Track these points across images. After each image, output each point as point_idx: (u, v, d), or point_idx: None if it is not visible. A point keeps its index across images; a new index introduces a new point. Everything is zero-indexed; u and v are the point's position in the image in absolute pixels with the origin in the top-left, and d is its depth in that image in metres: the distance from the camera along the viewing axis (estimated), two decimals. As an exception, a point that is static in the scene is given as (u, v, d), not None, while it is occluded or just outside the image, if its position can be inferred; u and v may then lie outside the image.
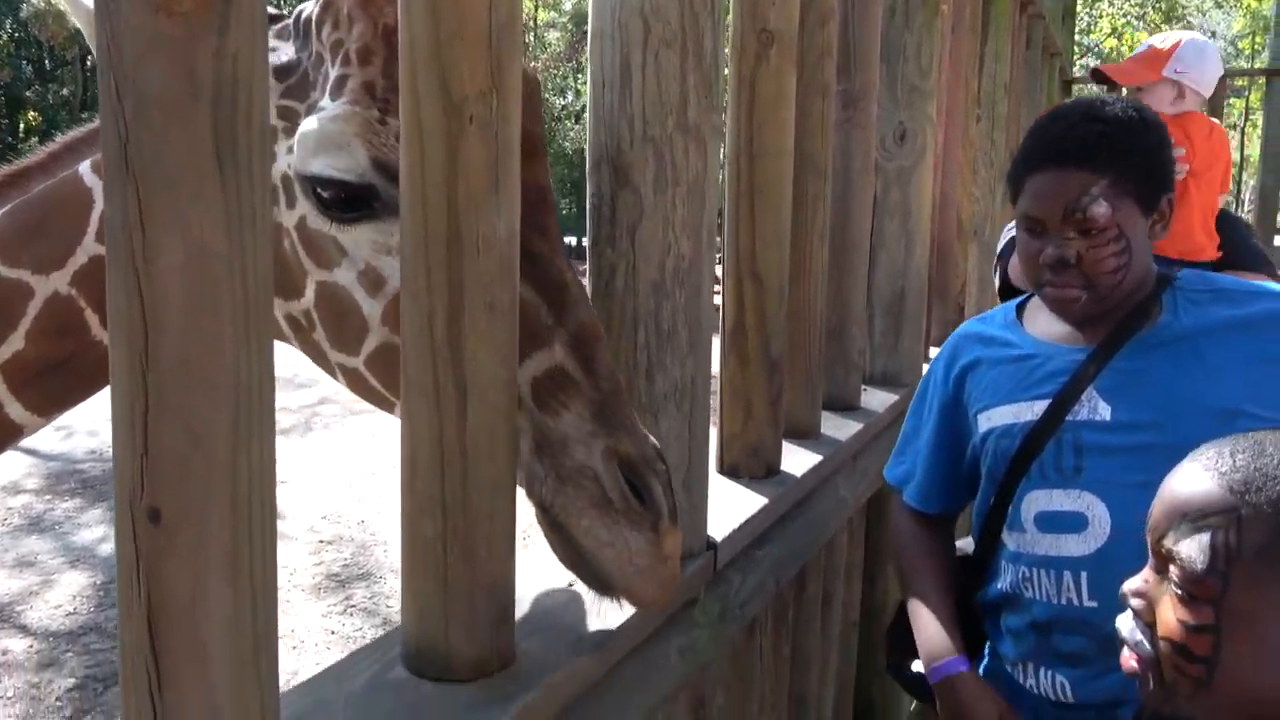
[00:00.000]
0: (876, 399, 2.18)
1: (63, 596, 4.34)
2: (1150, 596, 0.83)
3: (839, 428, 1.91)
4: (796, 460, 1.69)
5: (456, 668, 0.94)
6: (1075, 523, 1.22)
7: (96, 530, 5.09)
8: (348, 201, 0.96)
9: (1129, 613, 0.86)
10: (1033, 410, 1.27)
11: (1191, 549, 0.76)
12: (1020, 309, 1.40)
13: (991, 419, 1.33)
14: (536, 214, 0.97)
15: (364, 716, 0.88)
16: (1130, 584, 0.87)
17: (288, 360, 0.69)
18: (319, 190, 0.97)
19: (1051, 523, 1.25)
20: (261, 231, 0.64)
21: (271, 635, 0.69)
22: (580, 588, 1.18)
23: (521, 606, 1.04)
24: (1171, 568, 0.79)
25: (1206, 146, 2.45)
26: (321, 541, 5.13)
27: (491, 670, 0.96)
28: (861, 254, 2.08)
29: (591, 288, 1.21)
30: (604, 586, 0.95)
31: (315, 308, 1.01)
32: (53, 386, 1.10)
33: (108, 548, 4.86)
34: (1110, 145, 1.20)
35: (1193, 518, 0.77)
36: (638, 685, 1.16)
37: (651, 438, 0.96)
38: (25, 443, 1.16)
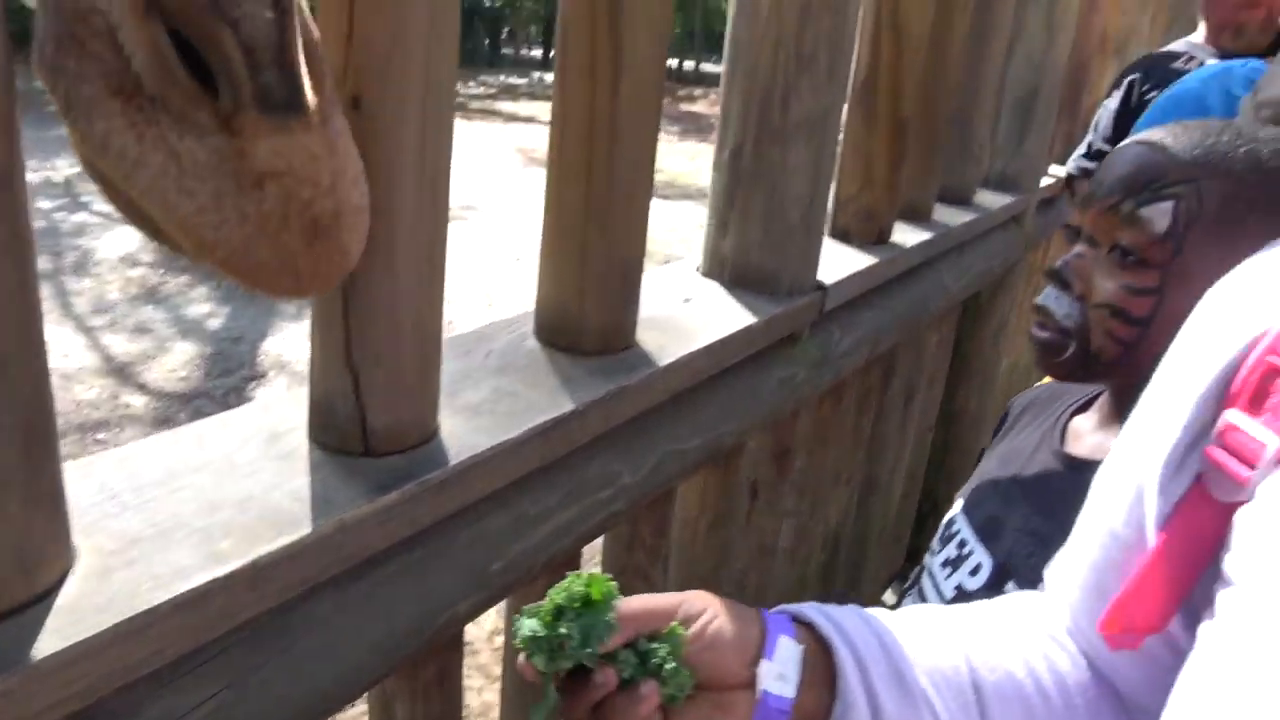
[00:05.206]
0: (990, 199, 2.13)
1: (176, 362, 4.68)
2: (1084, 269, 0.88)
3: (951, 216, 1.88)
4: (906, 236, 1.69)
5: (585, 341, 1.01)
6: None
7: (205, 306, 5.41)
8: None
9: (1048, 291, 0.91)
10: None
11: (1153, 213, 0.81)
12: None
13: None
14: None
15: (504, 365, 0.97)
16: (1061, 259, 0.91)
17: None
18: None
19: None
20: None
21: (442, 237, 0.75)
22: (692, 302, 1.24)
23: (641, 309, 1.10)
24: (1122, 234, 0.83)
25: None
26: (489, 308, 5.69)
27: (615, 349, 1.03)
28: (1001, 37, 1.97)
29: (736, 5, 1.20)
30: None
31: None
32: None
33: (216, 322, 5.18)
34: None
35: (1156, 185, 0.81)
36: (740, 398, 1.23)
37: None
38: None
